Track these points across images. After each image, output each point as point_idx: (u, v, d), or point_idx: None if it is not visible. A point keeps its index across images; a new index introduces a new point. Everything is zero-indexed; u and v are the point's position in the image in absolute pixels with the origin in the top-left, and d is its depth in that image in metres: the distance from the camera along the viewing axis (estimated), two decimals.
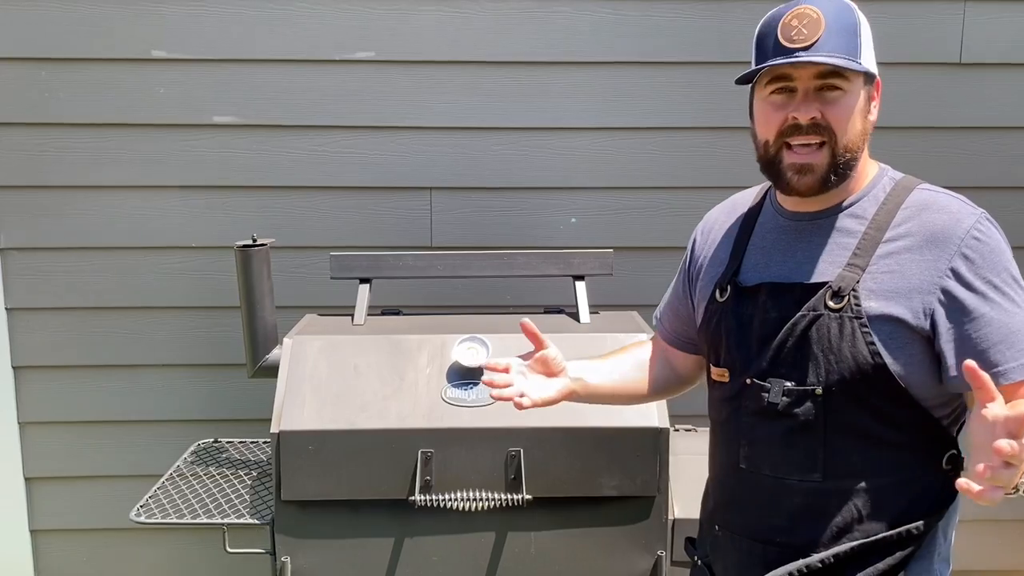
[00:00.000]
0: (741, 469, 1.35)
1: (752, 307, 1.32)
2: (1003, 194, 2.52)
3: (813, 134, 1.23)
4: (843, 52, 1.20)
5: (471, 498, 1.76)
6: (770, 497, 1.31)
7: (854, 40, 1.22)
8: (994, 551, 2.69)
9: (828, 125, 1.22)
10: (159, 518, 1.91)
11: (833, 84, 1.22)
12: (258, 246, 2.06)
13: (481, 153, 2.51)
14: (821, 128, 1.22)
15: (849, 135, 1.23)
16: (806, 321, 1.25)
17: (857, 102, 1.24)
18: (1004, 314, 1.17)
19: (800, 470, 1.27)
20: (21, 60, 2.39)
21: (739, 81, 1.30)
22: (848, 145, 1.23)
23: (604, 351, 1.58)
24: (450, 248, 2.46)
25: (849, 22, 1.23)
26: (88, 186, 2.47)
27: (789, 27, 1.23)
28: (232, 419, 2.55)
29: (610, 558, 1.83)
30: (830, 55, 1.19)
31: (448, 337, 1.89)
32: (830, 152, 1.23)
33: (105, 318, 2.53)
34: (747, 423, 1.33)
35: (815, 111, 1.22)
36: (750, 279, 1.35)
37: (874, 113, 1.28)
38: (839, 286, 1.23)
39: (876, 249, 1.23)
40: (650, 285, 2.54)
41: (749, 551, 1.34)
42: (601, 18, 2.44)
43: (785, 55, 1.21)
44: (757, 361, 1.30)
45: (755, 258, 1.37)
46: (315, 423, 1.79)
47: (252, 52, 2.42)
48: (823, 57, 1.19)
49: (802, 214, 1.32)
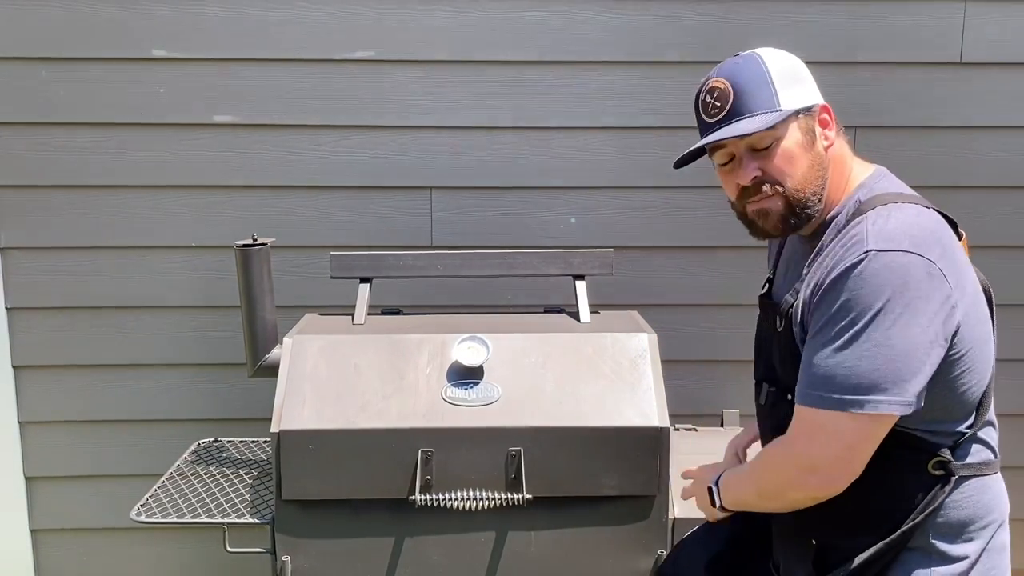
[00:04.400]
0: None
1: (762, 319, 1.51)
2: (1003, 194, 2.52)
3: (760, 191, 1.31)
4: (760, 108, 1.26)
5: (471, 498, 1.76)
6: None
7: (767, 91, 1.27)
8: None
9: (771, 178, 1.29)
10: (159, 518, 1.90)
11: (761, 141, 1.28)
12: (258, 246, 2.06)
13: (481, 153, 2.51)
14: (767, 181, 1.30)
15: (795, 178, 1.29)
16: (773, 336, 1.41)
17: (794, 144, 1.28)
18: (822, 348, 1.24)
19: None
20: (21, 60, 2.39)
21: (677, 165, 1.42)
22: (799, 186, 1.29)
23: (604, 351, 1.61)
24: (450, 248, 2.46)
25: (756, 75, 1.28)
26: (88, 186, 2.47)
27: (705, 104, 1.32)
28: (232, 419, 2.55)
29: (610, 558, 1.83)
30: (744, 118, 1.27)
31: (448, 337, 1.89)
32: (783, 198, 1.30)
33: (105, 318, 2.53)
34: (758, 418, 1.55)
35: (754, 171, 1.30)
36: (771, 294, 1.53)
37: (828, 137, 1.33)
38: (784, 308, 1.35)
39: (810, 272, 1.33)
40: (650, 285, 2.56)
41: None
42: (601, 18, 2.44)
43: (707, 130, 1.32)
44: (759, 366, 1.51)
45: (778, 274, 1.54)
46: (315, 423, 1.79)
47: (252, 52, 2.42)
48: (732, 130, 1.27)
49: (800, 237, 1.42)
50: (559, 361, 1.87)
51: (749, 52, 1.32)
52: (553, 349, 1.89)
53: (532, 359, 1.88)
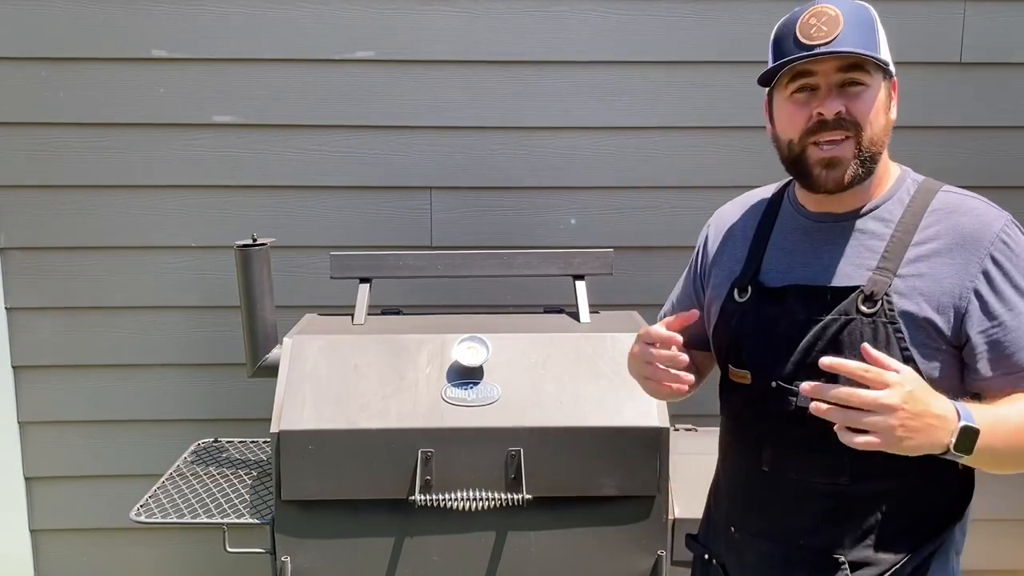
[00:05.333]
0: (764, 472, 1.33)
1: (777, 309, 1.30)
2: (1003, 194, 2.51)
3: (839, 129, 1.22)
4: (863, 47, 1.20)
5: (471, 498, 1.76)
6: (794, 499, 1.30)
7: (873, 36, 1.23)
8: (1005, 550, 2.68)
9: (853, 119, 1.22)
10: (159, 518, 1.91)
11: (856, 79, 1.22)
12: (258, 246, 2.06)
13: (481, 153, 2.51)
14: (846, 123, 1.21)
15: (874, 128, 1.23)
16: (837, 325, 1.23)
17: (879, 96, 1.24)
18: None
19: (827, 473, 1.25)
20: (21, 60, 2.39)
21: (761, 80, 1.28)
22: (873, 139, 1.23)
23: (604, 351, 1.57)
24: (450, 248, 2.46)
25: (866, 18, 1.24)
26: (88, 186, 2.47)
27: (808, 25, 1.22)
28: (232, 419, 2.55)
29: (610, 558, 1.83)
30: (852, 48, 1.19)
31: (448, 337, 1.89)
32: (855, 146, 1.22)
33: (105, 318, 2.53)
34: (771, 426, 1.31)
35: (840, 105, 1.21)
36: (773, 280, 1.33)
37: (894, 111, 1.29)
38: (872, 290, 1.22)
39: (905, 253, 1.23)
40: (650, 285, 2.55)
41: (770, 552, 1.34)
42: (601, 18, 2.44)
43: (804, 51, 1.21)
44: (781, 364, 1.27)
45: (776, 259, 1.35)
46: (315, 423, 1.79)
47: (252, 52, 2.42)
48: (847, 48, 1.19)
49: (826, 215, 1.31)
50: (559, 361, 1.88)
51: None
52: (553, 349, 1.90)
53: (532, 359, 1.88)
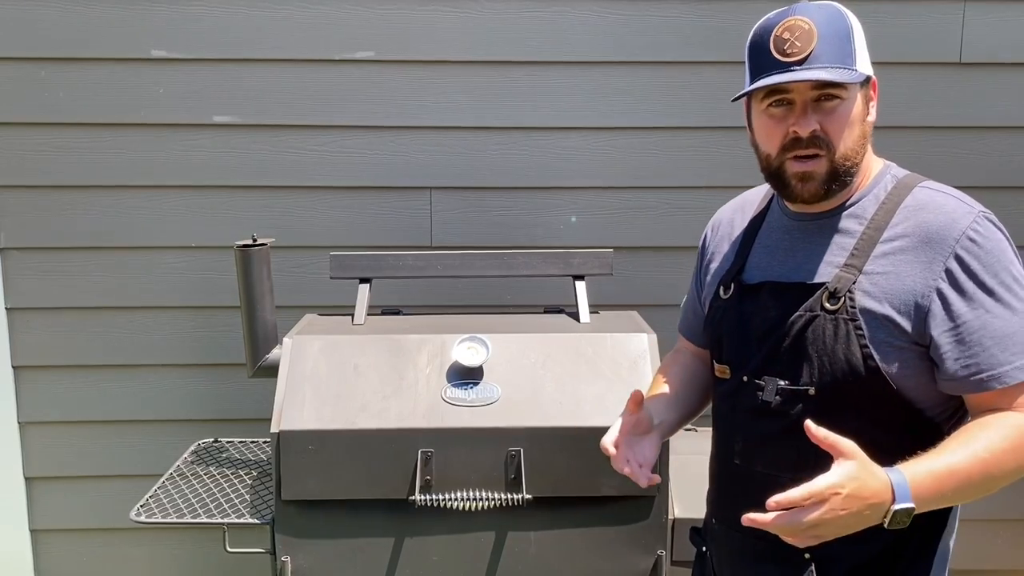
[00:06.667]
0: (735, 464, 1.37)
1: (753, 305, 1.33)
2: (1003, 194, 2.52)
3: (812, 147, 1.23)
4: (838, 62, 1.20)
5: (471, 498, 1.76)
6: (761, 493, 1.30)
7: (848, 47, 1.22)
8: (994, 551, 2.69)
9: (827, 138, 1.23)
10: (159, 518, 1.91)
11: (831, 94, 1.22)
12: (258, 246, 2.06)
13: (481, 153, 2.51)
14: (820, 141, 1.23)
15: (846, 144, 1.24)
16: (802, 321, 1.26)
17: (854, 109, 1.24)
18: (998, 318, 1.17)
19: (792, 468, 1.26)
20: (21, 60, 2.39)
21: (736, 99, 1.31)
22: (846, 154, 1.24)
23: (604, 351, 1.57)
24: (450, 248, 2.46)
25: (841, 28, 1.22)
26: (88, 186, 2.47)
27: (782, 40, 1.23)
28: (232, 419, 2.55)
29: (610, 558, 1.83)
30: (825, 67, 1.19)
31: (448, 337, 1.89)
32: (828, 163, 1.24)
33: (105, 318, 2.53)
34: (742, 420, 1.35)
35: (814, 123, 1.23)
36: (753, 277, 1.37)
37: (872, 113, 1.28)
38: (835, 287, 1.24)
39: (873, 249, 1.24)
40: (650, 285, 2.55)
41: (741, 544, 1.38)
42: (601, 18, 2.44)
43: (780, 69, 1.21)
44: (754, 359, 1.32)
45: (759, 257, 1.38)
46: (315, 423, 1.79)
47: (252, 52, 2.42)
48: (818, 72, 1.19)
49: (805, 214, 1.33)
50: (559, 361, 1.88)
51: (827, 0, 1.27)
52: (553, 349, 1.90)
53: (532, 359, 1.88)
